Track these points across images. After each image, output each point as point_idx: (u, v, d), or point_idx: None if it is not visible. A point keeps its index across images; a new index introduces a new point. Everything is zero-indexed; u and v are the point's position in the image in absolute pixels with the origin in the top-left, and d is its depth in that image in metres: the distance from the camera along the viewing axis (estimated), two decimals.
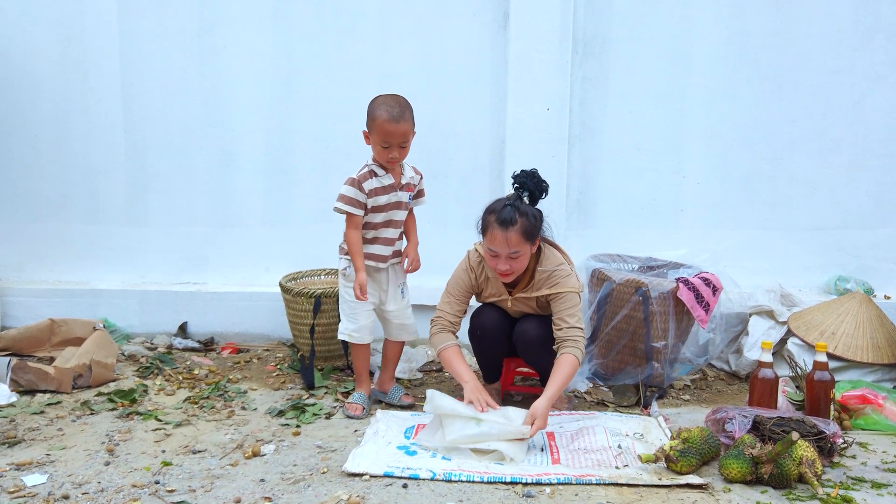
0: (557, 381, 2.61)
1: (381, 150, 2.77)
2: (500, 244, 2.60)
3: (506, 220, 2.58)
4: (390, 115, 2.71)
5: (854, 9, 3.70)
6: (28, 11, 3.78)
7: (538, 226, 2.68)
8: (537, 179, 2.69)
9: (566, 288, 2.72)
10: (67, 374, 3.05)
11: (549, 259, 2.78)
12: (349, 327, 2.90)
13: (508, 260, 2.63)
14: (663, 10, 3.73)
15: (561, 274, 2.75)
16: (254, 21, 3.78)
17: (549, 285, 2.75)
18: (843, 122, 3.77)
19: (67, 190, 3.90)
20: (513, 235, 2.58)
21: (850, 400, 2.86)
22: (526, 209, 2.64)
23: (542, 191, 2.71)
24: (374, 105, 2.77)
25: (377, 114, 2.73)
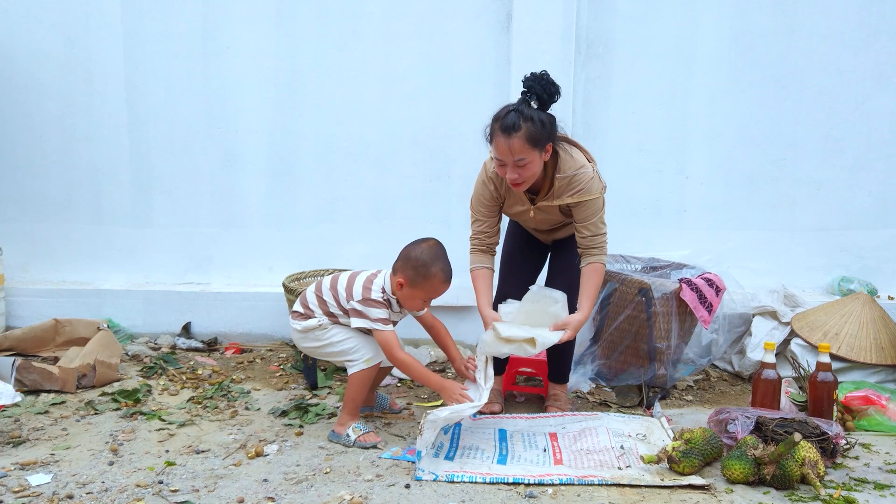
0: (590, 292, 2.64)
1: (419, 303, 2.61)
2: (503, 152, 2.50)
3: (508, 127, 2.47)
4: (447, 275, 2.55)
5: (858, 9, 3.69)
6: (33, 13, 3.79)
7: (546, 131, 2.52)
8: (546, 82, 2.52)
9: (588, 195, 2.63)
10: (72, 373, 3.07)
11: (568, 163, 2.63)
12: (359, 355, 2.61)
13: (516, 168, 2.51)
14: (666, 10, 3.73)
15: (582, 178, 2.62)
16: (257, 22, 3.78)
17: (570, 192, 2.63)
18: (846, 122, 3.76)
19: (72, 190, 3.92)
20: (516, 142, 2.47)
21: (854, 401, 2.86)
22: (531, 114, 2.49)
23: (552, 94, 2.53)
24: (428, 260, 2.52)
25: (433, 272, 2.51)
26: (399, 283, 2.56)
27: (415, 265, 2.53)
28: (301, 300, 2.70)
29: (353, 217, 3.89)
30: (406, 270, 2.54)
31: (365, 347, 2.62)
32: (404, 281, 2.55)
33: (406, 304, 2.63)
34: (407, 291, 2.57)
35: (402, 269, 2.56)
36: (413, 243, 2.59)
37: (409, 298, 2.59)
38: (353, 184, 3.88)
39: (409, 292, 2.57)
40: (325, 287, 2.65)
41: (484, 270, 2.79)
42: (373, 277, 2.62)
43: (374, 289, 2.58)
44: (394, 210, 3.86)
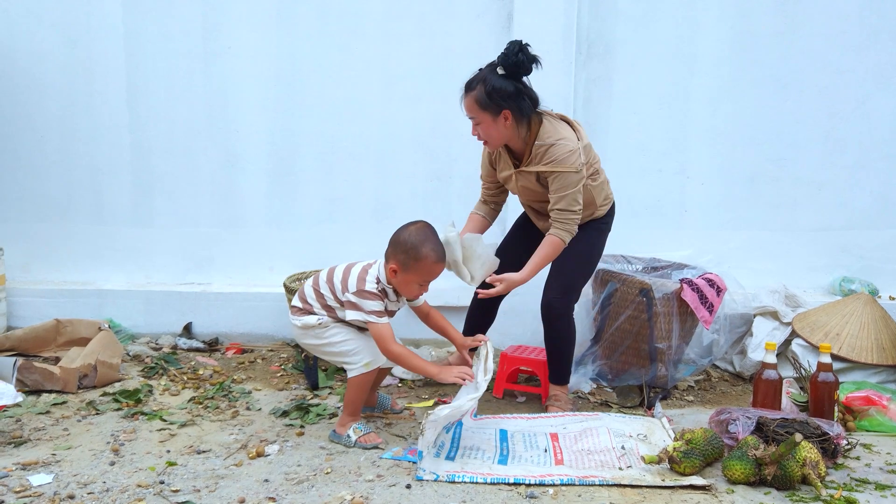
0: (537, 259, 2.76)
1: (415, 287, 2.58)
2: (465, 108, 2.72)
3: (467, 85, 2.69)
4: (438, 255, 2.54)
5: (859, 9, 3.69)
6: (34, 13, 3.80)
7: (500, 98, 2.63)
8: (514, 52, 2.62)
9: (561, 167, 2.68)
10: (73, 374, 3.07)
11: (548, 132, 2.71)
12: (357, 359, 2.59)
13: (474, 125, 2.72)
14: (667, 11, 3.73)
15: (559, 150, 2.68)
16: (258, 23, 3.79)
17: (545, 161, 2.70)
18: (847, 122, 3.76)
19: (73, 190, 3.92)
20: (468, 100, 2.69)
21: (855, 401, 2.86)
22: (489, 78, 2.64)
23: (517, 65, 2.63)
24: (417, 241, 2.50)
25: (424, 253, 2.49)
26: (392, 269, 2.53)
27: (405, 249, 2.51)
28: (299, 294, 2.69)
29: (354, 217, 3.90)
30: (397, 255, 2.52)
31: (364, 351, 2.60)
32: (397, 267, 2.52)
33: (402, 290, 2.59)
34: (401, 277, 2.54)
35: (393, 255, 2.54)
36: (401, 228, 2.57)
37: (405, 284, 2.56)
38: (353, 184, 3.88)
39: (404, 277, 2.54)
40: (321, 280, 2.64)
41: (474, 215, 3.02)
42: (367, 268, 2.60)
43: (368, 280, 2.55)
44: (394, 210, 3.86)
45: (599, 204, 2.92)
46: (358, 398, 2.64)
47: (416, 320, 3.76)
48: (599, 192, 2.89)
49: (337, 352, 2.63)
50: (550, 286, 2.91)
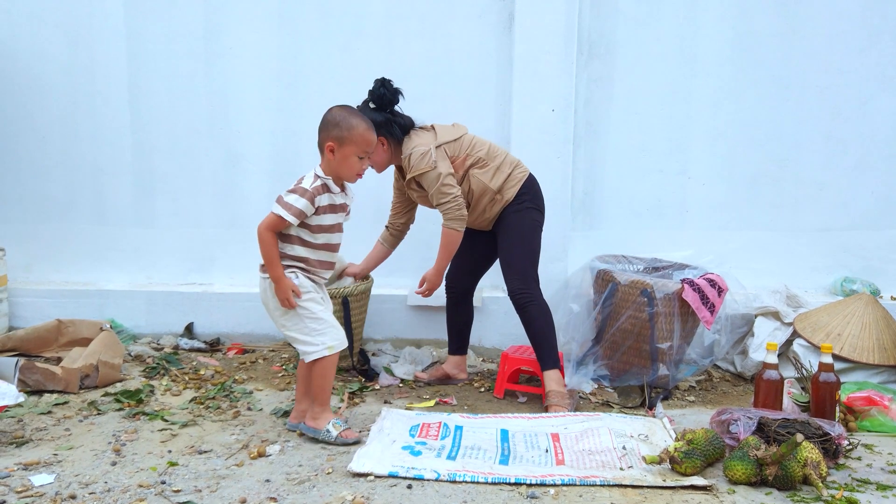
0: (440, 251, 3.03)
1: (355, 162, 2.58)
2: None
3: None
4: (368, 124, 2.60)
5: (860, 10, 3.69)
6: (36, 14, 3.81)
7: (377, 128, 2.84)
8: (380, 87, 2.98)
9: (419, 170, 2.96)
10: (74, 374, 3.07)
11: (406, 146, 3.02)
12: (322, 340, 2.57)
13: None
14: (669, 11, 3.73)
15: (413, 158, 2.97)
16: (260, 23, 3.79)
17: (410, 170, 3.00)
18: (849, 123, 3.76)
19: (75, 191, 3.93)
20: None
21: (856, 401, 2.85)
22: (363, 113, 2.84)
23: (383, 97, 2.98)
24: (344, 115, 2.59)
25: (354, 123, 2.57)
26: (330, 149, 2.56)
27: (336, 124, 2.56)
28: None
29: (355, 217, 3.86)
30: (330, 133, 2.56)
31: (330, 332, 2.58)
32: (334, 144, 2.55)
33: (344, 170, 2.59)
34: (339, 154, 2.56)
35: (326, 136, 2.57)
36: (324, 115, 2.63)
37: (344, 161, 2.57)
38: (354, 185, 3.87)
39: (342, 153, 2.56)
40: None
41: (377, 244, 3.38)
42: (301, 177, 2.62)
43: (305, 179, 2.58)
44: None
45: (497, 189, 3.04)
46: (328, 384, 2.61)
47: (418, 320, 3.79)
48: (492, 178, 3.04)
49: (302, 326, 2.58)
50: (508, 279, 3.08)
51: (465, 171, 3.02)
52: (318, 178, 2.58)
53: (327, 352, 2.57)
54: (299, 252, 2.60)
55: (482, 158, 3.05)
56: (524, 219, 3.08)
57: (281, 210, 2.52)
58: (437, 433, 2.68)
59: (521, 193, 3.07)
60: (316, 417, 2.62)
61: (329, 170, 2.60)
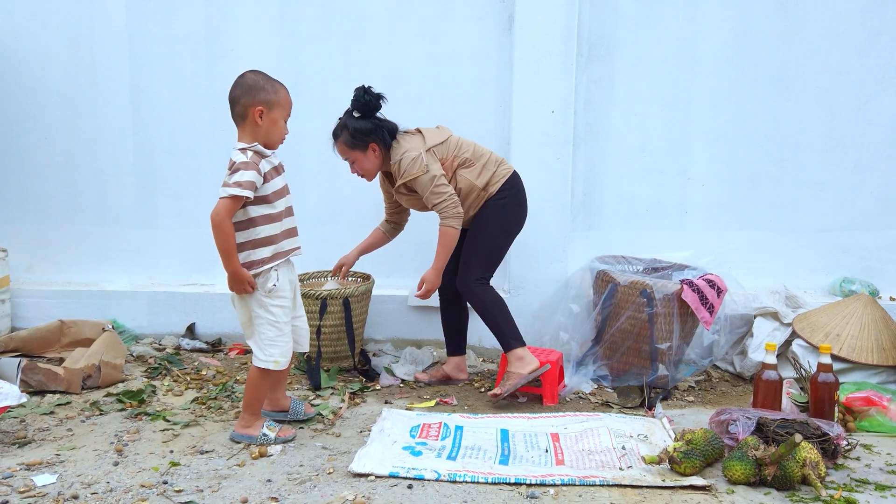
0: (438, 250, 3.06)
1: (282, 125, 2.58)
2: (337, 153, 3.13)
3: (334, 134, 3.11)
4: (284, 86, 2.60)
5: (859, 11, 3.70)
6: (38, 15, 3.82)
7: (363, 135, 3.03)
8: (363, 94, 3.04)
9: (409, 175, 3.01)
10: (77, 374, 3.09)
11: (395, 152, 3.06)
12: (274, 353, 2.57)
13: (351, 165, 3.13)
14: (668, 12, 3.74)
15: (404, 162, 3.02)
16: (261, 25, 3.80)
17: (401, 175, 3.04)
18: (848, 123, 3.77)
19: (77, 192, 3.94)
20: (339, 146, 3.10)
21: (855, 402, 2.86)
22: (349, 123, 3.05)
23: (368, 103, 3.04)
24: (266, 78, 2.55)
25: (278, 86, 2.55)
26: (259, 112, 2.50)
27: (262, 87, 2.51)
28: None
29: (356, 218, 3.90)
30: (257, 97, 2.50)
31: (282, 345, 2.58)
32: (263, 107, 2.50)
33: (272, 135, 2.56)
34: (268, 117, 2.52)
35: (252, 102, 2.50)
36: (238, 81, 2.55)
37: (273, 125, 2.54)
38: (354, 186, 3.87)
39: (270, 116, 2.52)
40: None
41: (376, 230, 3.43)
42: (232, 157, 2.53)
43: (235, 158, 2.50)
44: None
45: (483, 186, 3.12)
46: (261, 396, 2.63)
47: (418, 320, 3.80)
48: (478, 176, 3.11)
49: (262, 331, 2.57)
50: (461, 266, 3.15)
51: (453, 171, 3.09)
52: (247, 149, 2.51)
53: (273, 366, 2.57)
54: (268, 231, 2.54)
55: (468, 159, 3.11)
56: (499, 213, 3.14)
57: (232, 190, 2.44)
58: (437, 433, 2.69)
59: (504, 188, 3.13)
60: (248, 425, 2.61)
61: (256, 136, 2.53)
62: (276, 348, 2.58)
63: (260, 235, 2.54)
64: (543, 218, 3.62)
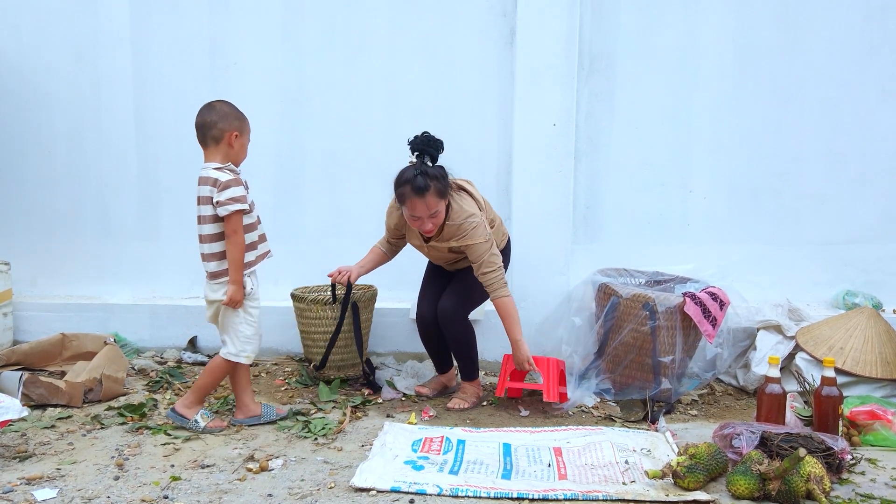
0: (509, 324, 3.03)
1: (246, 148, 2.85)
2: (421, 209, 2.92)
3: (421, 188, 2.88)
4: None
5: (860, 24, 3.71)
6: (43, 29, 3.85)
7: (446, 183, 2.96)
8: (432, 141, 2.97)
9: (471, 241, 2.98)
10: (78, 388, 3.08)
11: (458, 212, 3.01)
12: (247, 349, 2.82)
13: (430, 220, 2.95)
14: (669, 25, 3.75)
15: (467, 227, 2.99)
16: (264, 39, 3.83)
17: (457, 237, 3.01)
18: (850, 136, 3.78)
19: (80, 205, 3.95)
20: (430, 199, 2.90)
21: (859, 415, 2.85)
22: (433, 172, 2.92)
23: (438, 150, 2.99)
24: (234, 107, 2.81)
25: (243, 116, 2.81)
26: (234, 135, 2.75)
27: (236, 115, 2.78)
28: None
29: (359, 231, 3.90)
30: (231, 124, 2.75)
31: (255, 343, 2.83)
32: (237, 131, 2.77)
33: (242, 155, 2.83)
34: (239, 142, 2.79)
35: (228, 127, 2.75)
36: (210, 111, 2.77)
37: (242, 148, 2.83)
38: (358, 198, 3.90)
39: (240, 141, 2.79)
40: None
41: (376, 248, 3.33)
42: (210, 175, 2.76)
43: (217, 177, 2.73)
44: None
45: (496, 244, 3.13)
46: (214, 384, 2.87)
47: None
48: (495, 236, 3.13)
49: (241, 330, 2.80)
50: (446, 296, 3.17)
51: None
52: (223, 168, 2.77)
53: (244, 360, 2.82)
54: (250, 238, 2.81)
55: (493, 219, 3.20)
56: None
57: (235, 206, 2.71)
58: (439, 448, 2.68)
59: (503, 250, 3.23)
60: (188, 406, 2.81)
61: (227, 156, 2.79)
62: (251, 345, 2.83)
63: (246, 242, 2.80)
64: (545, 231, 3.62)
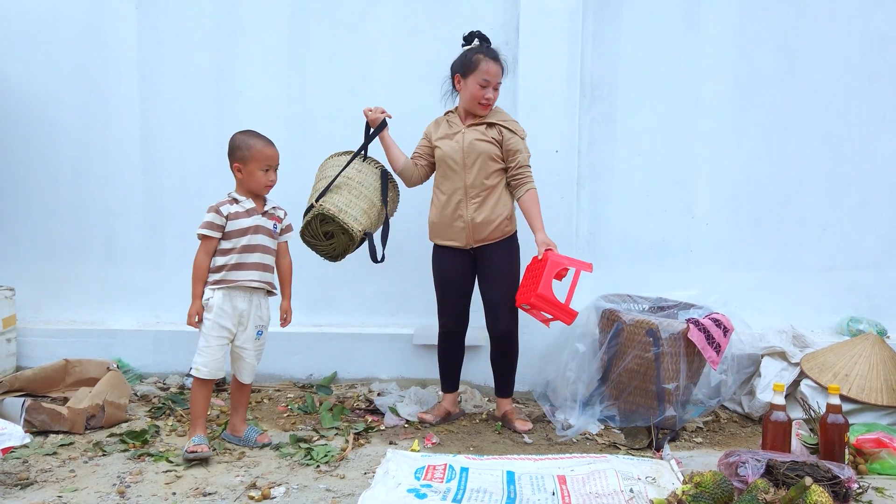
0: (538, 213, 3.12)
1: (261, 175, 2.90)
2: (495, 73, 3.08)
3: (496, 55, 3.10)
4: (263, 140, 2.93)
5: (858, 54, 3.76)
6: (52, 60, 3.91)
7: None
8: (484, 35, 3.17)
9: (516, 128, 3.16)
10: (80, 414, 3.08)
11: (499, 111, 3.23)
12: (198, 360, 2.88)
13: (495, 90, 3.10)
14: (669, 54, 3.80)
15: (511, 118, 3.20)
16: (270, 67, 3.88)
17: (500, 118, 3.16)
18: (851, 163, 3.80)
19: (85, 232, 3.98)
20: (501, 67, 3.10)
21: (865, 443, 2.82)
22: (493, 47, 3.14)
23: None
24: (243, 138, 2.91)
25: (251, 143, 2.89)
26: (237, 168, 2.90)
27: (237, 147, 2.90)
28: None
29: (362, 258, 3.92)
30: (235, 155, 2.90)
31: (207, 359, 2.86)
32: (240, 164, 2.89)
33: (254, 184, 2.91)
34: (245, 171, 2.89)
35: (232, 160, 2.91)
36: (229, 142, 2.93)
37: (251, 176, 2.90)
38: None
39: (247, 170, 2.89)
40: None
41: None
42: None
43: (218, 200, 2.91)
44: (402, 251, 3.89)
45: (511, 216, 3.22)
46: (195, 407, 2.88)
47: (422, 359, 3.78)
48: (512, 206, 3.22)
49: (198, 342, 2.89)
50: (503, 316, 3.17)
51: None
52: (228, 195, 2.95)
53: (194, 372, 2.87)
54: (220, 262, 2.88)
55: None
56: (517, 254, 3.24)
57: (198, 230, 2.88)
58: (442, 476, 2.66)
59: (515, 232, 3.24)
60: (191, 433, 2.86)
61: (240, 186, 2.94)
62: (201, 357, 2.87)
63: (215, 264, 2.90)
64: None
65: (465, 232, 3.17)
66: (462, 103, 3.21)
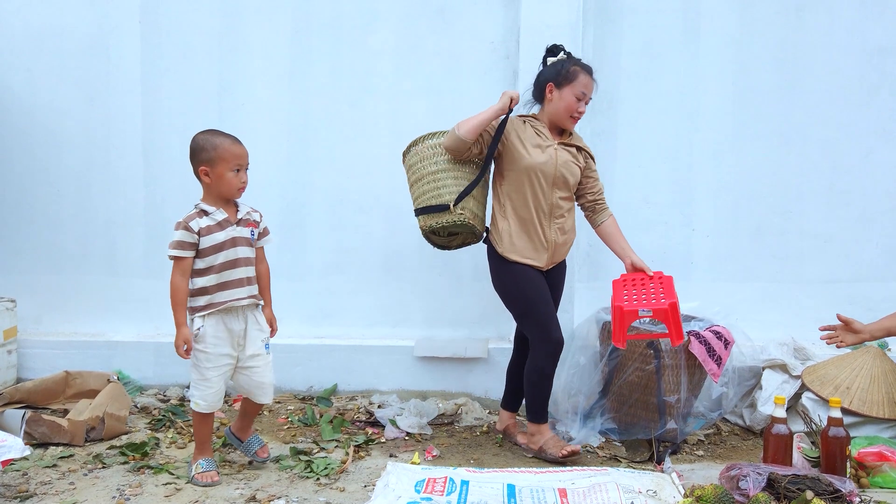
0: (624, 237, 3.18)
1: (232, 177, 2.65)
2: (589, 87, 3.05)
3: (591, 70, 3.07)
4: (230, 138, 2.68)
5: (858, 66, 3.77)
6: (56, 71, 3.93)
7: None
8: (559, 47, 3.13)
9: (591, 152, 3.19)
10: (80, 426, 3.07)
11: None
12: (195, 394, 2.72)
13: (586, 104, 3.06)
14: (669, 67, 3.82)
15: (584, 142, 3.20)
16: (272, 80, 3.90)
17: (583, 144, 3.17)
18: (851, 175, 3.81)
19: (87, 243, 3.99)
20: (595, 82, 3.07)
21: (867, 457, 2.81)
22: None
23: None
24: (206, 137, 2.66)
25: (217, 142, 2.64)
26: (203, 171, 2.65)
27: (202, 148, 2.64)
28: None
29: (363, 269, 3.94)
30: (200, 157, 2.64)
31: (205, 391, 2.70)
32: (207, 166, 2.64)
33: (224, 187, 2.67)
34: (214, 174, 2.64)
35: (197, 162, 2.65)
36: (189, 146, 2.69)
37: (221, 178, 2.65)
38: (362, 236, 3.93)
39: (216, 172, 2.64)
40: None
41: None
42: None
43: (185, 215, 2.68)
44: (402, 262, 3.90)
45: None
46: (200, 434, 2.77)
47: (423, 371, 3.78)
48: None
49: (192, 375, 2.74)
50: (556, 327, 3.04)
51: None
52: (195, 207, 2.70)
53: (194, 406, 2.73)
54: (202, 283, 2.67)
55: None
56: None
57: (169, 251, 2.65)
58: (442, 489, 2.65)
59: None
60: (194, 459, 2.77)
61: (210, 192, 2.70)
62: (198, 391, 2.72)
63: (196, 286, 2.69)
64: None
65: (546, 253, 3.08)
66: (548, 114, 3.08)
